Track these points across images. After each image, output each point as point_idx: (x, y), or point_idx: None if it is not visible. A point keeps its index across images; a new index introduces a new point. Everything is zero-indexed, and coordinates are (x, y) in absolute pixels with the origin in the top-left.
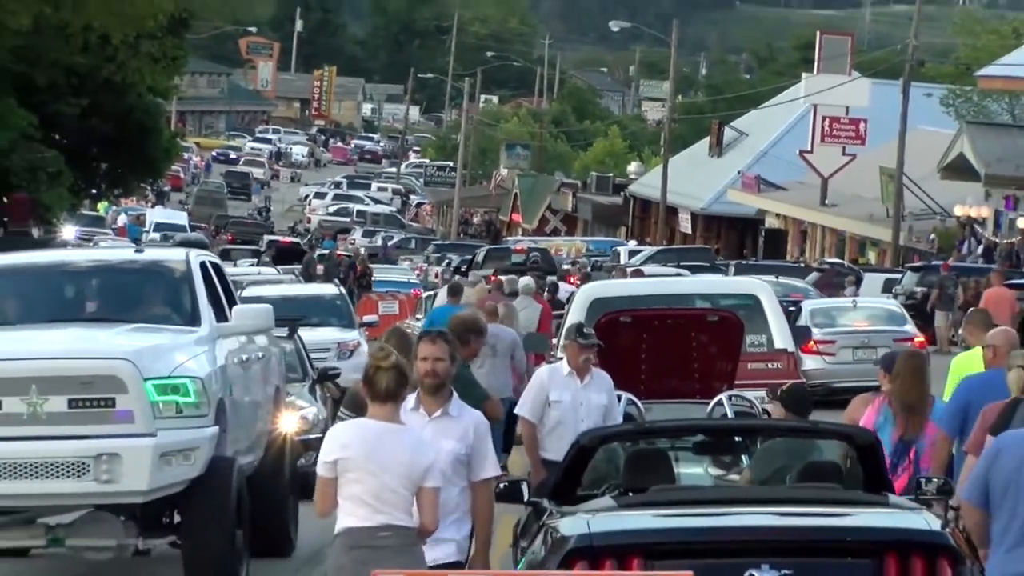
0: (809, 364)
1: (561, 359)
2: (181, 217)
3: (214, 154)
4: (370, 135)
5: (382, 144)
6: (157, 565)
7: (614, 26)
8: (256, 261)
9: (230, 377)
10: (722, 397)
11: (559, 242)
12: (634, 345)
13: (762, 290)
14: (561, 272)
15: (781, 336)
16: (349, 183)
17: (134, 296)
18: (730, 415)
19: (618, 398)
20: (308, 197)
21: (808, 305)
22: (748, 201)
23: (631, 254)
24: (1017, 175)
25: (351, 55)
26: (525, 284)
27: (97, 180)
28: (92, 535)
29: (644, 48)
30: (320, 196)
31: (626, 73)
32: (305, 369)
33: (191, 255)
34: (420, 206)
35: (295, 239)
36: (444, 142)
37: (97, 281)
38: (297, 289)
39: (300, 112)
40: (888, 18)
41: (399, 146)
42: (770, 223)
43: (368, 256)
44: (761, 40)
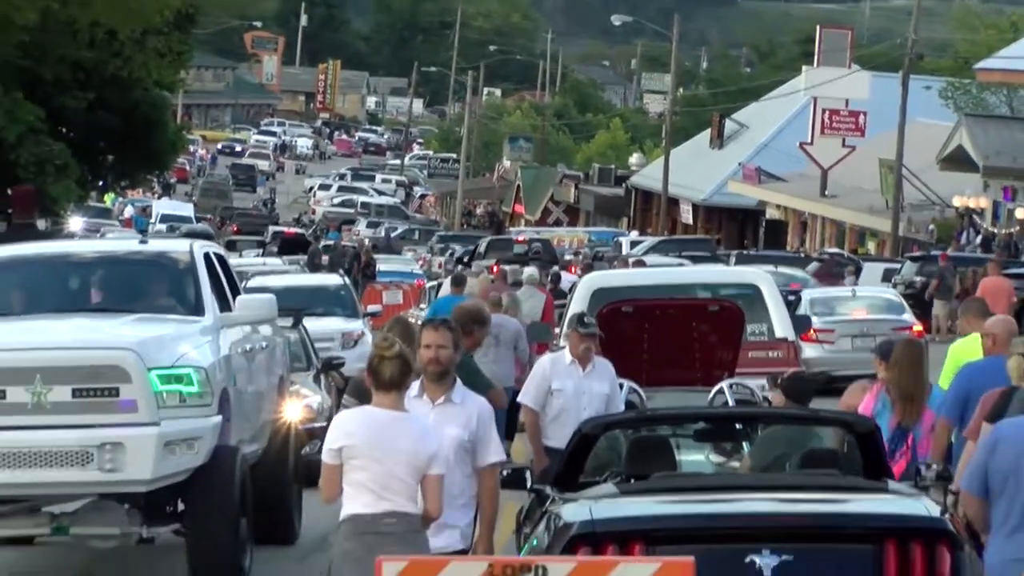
0: (809, 353)
1: (564, 348)
2: (187, 209)
3: (219, 147)
4: (374, 128)
5: (386, 137)
6: (161, 553)
7: (616, 20)
8: (261, 252)
9: (234, 367)
10: (723, 385)
11: (562, 233)
12: (636, 334)
13: (763, 280)
14: (563, 262)
15: (781, 325)
16: (353, 175)
17: (138, 287)
18: (731, 403)
19: (620, 386)
20: (313, 189)
21: (808, 294)
22: (749, 192)
23: (633, 245)
24: (1015, 166)
25: (355, 50)
26: (529, 274)
27: (104, 172)
28: (96, 523)
29: (645, 42)
30: (325, 188)
31: (628, 67)
32: (310, 358)
33: (195, 246)
34: (424, 197)
35: (300, 230)
36: (447, 135)
37: (102, 272)
38: (302, 279)
39: (305, 105)
40: (887, 12)
41: (403, 139)
42: (771, 214)
43: (372, 247)
44: (762, 35)
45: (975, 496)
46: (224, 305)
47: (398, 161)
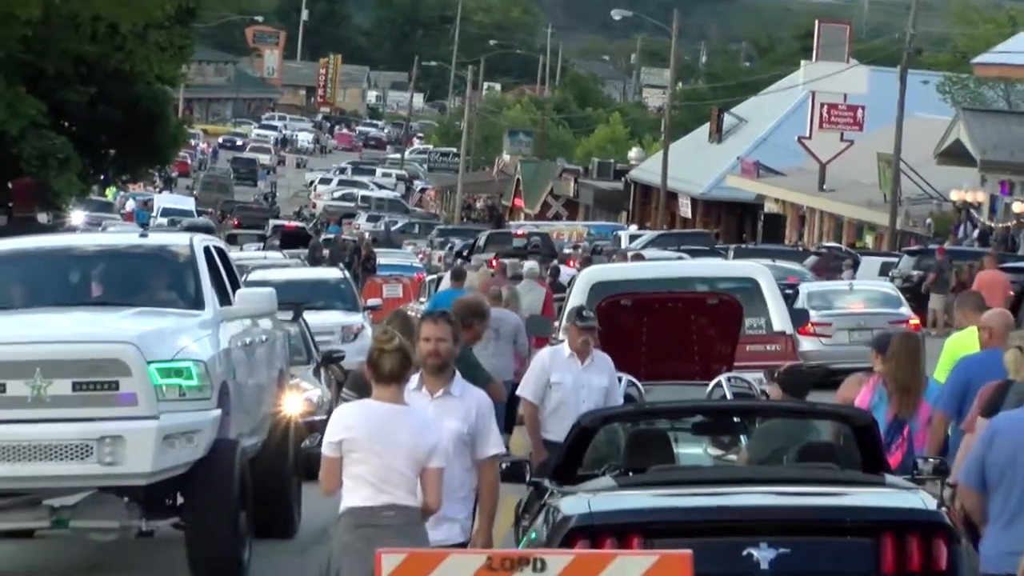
0: (806, 346)
1: (563, 342)
2: (188, 202)
3: (220, 141)
4: (375, 122)
5: (386, 131)
6: (160, 547)
7: (616, 15)
8: (262, 246)
9: (233, 360)
10: (721, 379)
11: (561, 227)
12: (635, 328)
13: (761, 273)
14: (562, 256)
15: (779, 319)
16: (354, 169)
17: (138, 280)
18: (729, 396)
19: (619, 380)
20: (313, 183)
21: (806, 288)
22: (747, 186)
23: (632, 238)
24: (1012, 160)
25: (356, 45)
26: (530, 268)
27: (105, 166)
28: (96, 517)
29: (645, 37)
30: (325, 182)
31: (627, 61)
32: (310, 352)
33: (195, 240)
34: (424, 191)
35: (301, 224)
36: (448, 129)
37: (102, 265)
38: (302, 273)
39: (306, 99)
40: (886, 7)
41: (403, 133)
42: (769, 208)
43: (372, 240)
44: (761, 29)
45: (973, 489)
46: (224, 299)
47: (398, 155)
